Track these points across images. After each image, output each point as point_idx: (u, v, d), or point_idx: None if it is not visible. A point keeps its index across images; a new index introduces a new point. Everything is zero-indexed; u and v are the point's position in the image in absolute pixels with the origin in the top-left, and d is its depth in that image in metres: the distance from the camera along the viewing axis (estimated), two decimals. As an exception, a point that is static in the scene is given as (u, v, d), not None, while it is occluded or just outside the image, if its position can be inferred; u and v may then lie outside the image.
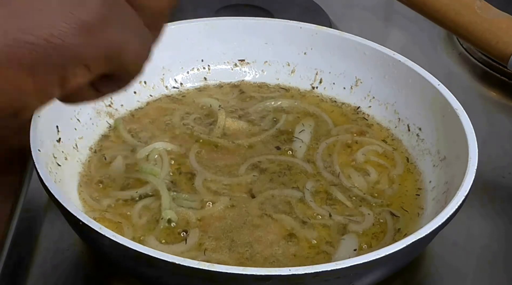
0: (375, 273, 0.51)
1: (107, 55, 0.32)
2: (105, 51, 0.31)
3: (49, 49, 0.30)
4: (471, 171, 0.54)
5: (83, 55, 0.31)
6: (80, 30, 0.30)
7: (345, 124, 0.66)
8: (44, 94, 0.31)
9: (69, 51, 0.30)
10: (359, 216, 0.58)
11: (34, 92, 0.31)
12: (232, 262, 0.53)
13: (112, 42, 0.31)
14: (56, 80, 0.31)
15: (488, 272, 0.59)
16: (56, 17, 0.29)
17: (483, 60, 0.79)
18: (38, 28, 0.29)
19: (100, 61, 0.32)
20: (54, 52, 0.30)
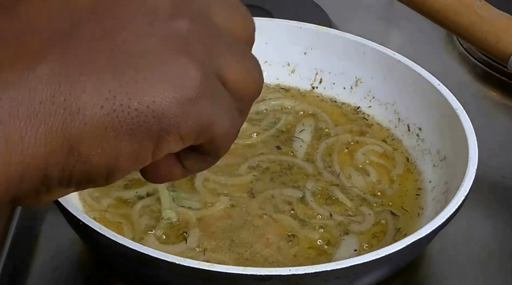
0: (375, 273, 0.51)
1: (200, 128, 0.33)
2: (199, 123, 0.33)
3: (150, 117, 0.31)
4: (471, 171, 0.54)
5: (179, 125, 0.32)
6: (179, 102, 0.32)
7: (345, 124, 0.66)
8: (137, 160, 0.33)
9: (167, 120, 0.32)
10: (359, 216, 0.58)
11: (129, 156, 0.32)
12: (232, 262, 0.53)
13: (206, 116, 0.33)
14: (151, 147, 0.32)
15: (488, 272, 0.59)
16: (159, 88, 0.31)
17: (483, 60, 0.79)
18: (142, 96, 0.31)
19: (193, 132, 0.33)
20: (153, 120, 0.31)
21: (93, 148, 0.31)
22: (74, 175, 0.32)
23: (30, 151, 0.30)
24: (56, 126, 0.30)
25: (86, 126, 0.31)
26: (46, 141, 0.30)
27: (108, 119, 0.31)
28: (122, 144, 0.32)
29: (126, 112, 0.31)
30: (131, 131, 0.31)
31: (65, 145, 0.31)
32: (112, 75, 0.31)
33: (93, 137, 0.31)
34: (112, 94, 0.31)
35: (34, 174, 0.31)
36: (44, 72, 0.30)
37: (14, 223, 0.58)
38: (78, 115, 0.30)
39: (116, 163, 0.32)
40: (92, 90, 0.30)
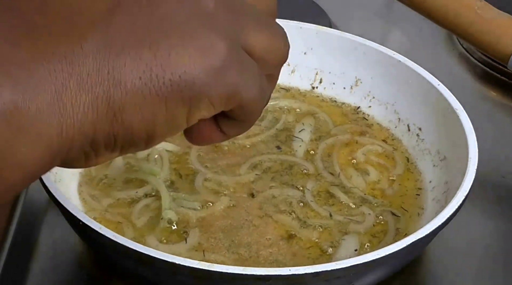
0: (375, 273, 0.51)
1: (228, 94, 0.37)
2: (227, 90, 0.37)
3: (182, 85, 0.35)
4: (471, 171, 0.54)
5: (209, 92, 0.36)
6: (208, 71, 0.36)
7: (345, 124, 0.66)
8: (173, 124, 0.37)
9: (197, 88, 0.36)
10: (359, 216, 0.58)
11: (165, 121, 0.36)
12: (232, 262, 0.53)
13: (233, 83, 0.37)
14: (184, 112, 0.36)
15: (488, 272, 0.59)
16: (189, 60, 0.35)
17: (483, 60, 0.79)
18: (175, 67, 0.35)
19: (222, 98, 0.37)
20: (185, 89, 0.35)
21: (133, 115, 0.35)
22: (118, 140, 0.36)
23: (80, 117, 0.34)
24: (102, 95, 0.34)
25: (127, 96, 0.35)
26: (93, 109, 0.34)
27: (145, 89, 0.35)
28: (159, 110, 0.35)
29: (162, 83, 0.35)
30: (166, 99, 0.35)
31: (109, 112, 0.35)
32: (148, 50, 0.35)
33: (133, 105, 0.35)
34: (148, 67, 0.35)
35: (83, 138, 0.35)
36: (91, 48, 0.34)
37: (14, 223, 0.58)
38: (120, 86, 0.34)
39: (154, 128, 0.36)
40: (131, 63, 0.34)
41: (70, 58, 0.34)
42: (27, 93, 0.33)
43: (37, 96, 0.33)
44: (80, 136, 0.35)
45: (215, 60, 0.36)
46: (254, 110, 0.40)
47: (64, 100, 0.34)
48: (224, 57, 0.36)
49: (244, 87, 0.38)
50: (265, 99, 0.41)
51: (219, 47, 0.36)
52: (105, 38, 0.34)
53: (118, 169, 0.60)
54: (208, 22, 0.36)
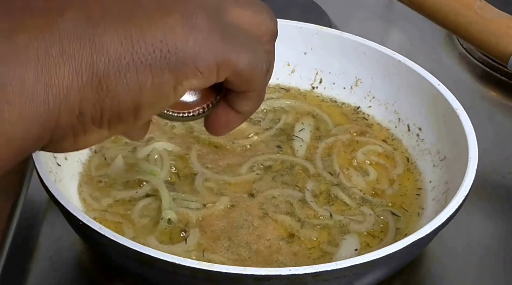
0: (375, 273, 0.51)
1: (216, 60, 0.37)
2: (214, 56, 0.37)
3: (165, 51, 0.35)
4: (471, 171, 0.54)
5: (194, 58, 0.36)
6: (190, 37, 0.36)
7: (345, 124, 0.66)
8: (160, 93, 0.36)
9: (182, 53, 0.36)
10: (360, 216, 0.58)
11: (151, 89, 0.36)
12: (232, 262, 0.53)
13: (219, 49, 0.37)
14: (171, 80, 0.36)
15: (488, 272, 0.59)
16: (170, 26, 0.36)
17: (483, 60, 0.79)
18: (155, 32, 0.35)
19: (210, 65, 0.37)
20: (169, 54, 0.36)
21: (118, 82, 0.35)
22: (105, 110, 0.35)
23: (65, 85, 0.34)
24: (85, 62, 0.34)
25: (110, 62, 0.35)
26: (77, 77, 0.34)
27: (128, 55, 0.35)
28: (143, 77, 0.35)
29: (144, 48, 0.35)
30: (151, 66, 0.35)
31: (94, 79, 0.35)
32: (128, 17, 0.35)
33: (117, 71, 0.35)
34: (129, 33, 0.35)
35: (69, 109, 0.35)
36: (70, 17, 0.34)
37: (14, 223, 0.58)
38: (102, 52, 0.34)
39: (140, 96, 0.36)
40: (112, 30, 0.35)
41: (51, 27, 0.34)
42: (10, 64, 0.32)
43: (21, 65, 0.33)
44: (67, 106, 0.34)
45: (196, 27, 0.36)
46: (254, 77, 0.40)
47: (48, 68, 0.33)
48: (205, 25, 0.36)
49: (234, 53, 0.38)
50: (263, 67, 0.41)
51: (199, 16, 0.36)
52: (84, 9, 0.35)
53: (118, 169, 0.60)
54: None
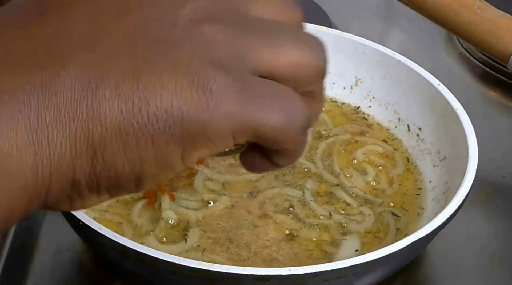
0: (375, 273, 0.51)
1: (232, 127, 0.32)
2: (228, 124, 0.32)
3: (170, 121, 0.31)
4: (471, 171, 0.54)
5: (204, 129, 0.31)
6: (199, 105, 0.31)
7: (345, 124, 0.66)
8: (164, 165, 0.32)
9: (188, 124, 0.31)
10: (360, 216, 0.58)
11: (154, 162, 0.32)
12: (232, 262, 0.53)
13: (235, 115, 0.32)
14: (178, 152, 0.32)
15: (488, 272, 0.59)
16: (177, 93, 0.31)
17: (483, 60, 0.79)
18: (160, 101, 0.31)
19: (224, 134, 0.32)
20: (174, 125, 0.31)
21: (116, 154, 0.31)
22: (102, 181, 0.32)
23: (57, 155, 0.31)
24: (80, 131, 0.31)
25: (108, 132, 0.31)
26: (71, 146, 0.31)
27: (128, 125, 0.31)
28: (145, 149, 0.31)
29: (146, 118, 0.31)
30: (153, 137, 0.31)
31: (89, 150, 0.31)
32: (131, 81, 0.31)
33: (115, 143, 0.31)
34: (130, 100, 0.31)
35: (62, 179, 0.31)
36: (69, 77, 0.31)
37: (14, 223, 0.58)
38: (99, 120, 0.31)
39: (142, 169, 0.32)
40: (112, 95, 0.31)
41: (47, 88, 0.30)
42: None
43: (10, 132, 0.30)
44: (59, 177, 0.31)
45: (208, 91, 0.31)
46: (283, 139, 0.33)
47: (39, 136, 0.30)
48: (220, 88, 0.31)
49: (254, 117, 0.32)
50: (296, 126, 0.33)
51: (215, 77, 0.31)
52: (85, 67, 0.31)
53: (118, 169, 0.59)
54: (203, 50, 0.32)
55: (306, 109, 0.33)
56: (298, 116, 0.33)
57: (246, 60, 0.32)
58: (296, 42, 0.34)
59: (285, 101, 0.33)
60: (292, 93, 0.33)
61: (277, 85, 0.33)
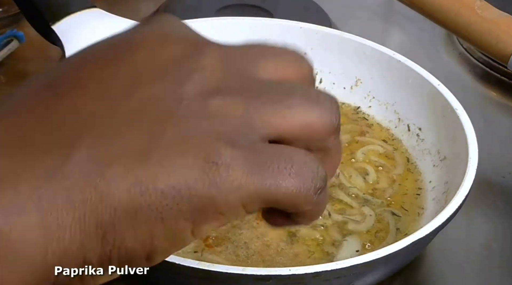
0: (375, 273, 0.51)
1: (242, 199, 0.32)
2: (239, 197, 0.32)
3: (178, 198, 0.31)
4: (471, 171, 0.54)
5: (213, 203, 0.31)
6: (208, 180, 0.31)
7: (345, 124, 0.66)
8: (175, 240, 0.32)
9: (197, 200, 0.31)
10: (360, 216, 0.58)
11: (164, 238, 0.32)
12: (231, 262, 0.53)
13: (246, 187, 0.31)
14: (188, 227, 0.32)
15: (488, 272, 0.59)
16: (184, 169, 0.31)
17: (483, 60, 0.79)
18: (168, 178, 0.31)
19: (235, 207, 0.32)
20: (182, 201, 0.31)
21: (126, 233, 0.31)
22: (113, 260, 0.32)
23: (67, 238, 0.31)
24: (89, 213, 0.31)
25: (117, 212, 0.31)
26: (81, 229, 0.31)
27: (136, 204, 0.31)
28: (155, 227, 0.31)
29: (154, 196, 0.31)
30: (162, 214, 0.31)
31: (99, 231, 0.31)
32: (139, 159, 0.31)
33: (124, 222, 0.31)
34: (138, 179, 0.31)
35: (71, 261, 0.31)
36: (78, 159, 0.31)
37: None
38: (107, 201, 0.30)
39: (152, 246, 0.32)
40: (120, 176, 0.31)
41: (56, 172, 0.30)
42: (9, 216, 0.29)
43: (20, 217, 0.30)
44: (68, 260, 0.31)
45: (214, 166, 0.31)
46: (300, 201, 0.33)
47: (49, 220, 0.30)
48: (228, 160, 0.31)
49: (263, 186, 0.32)
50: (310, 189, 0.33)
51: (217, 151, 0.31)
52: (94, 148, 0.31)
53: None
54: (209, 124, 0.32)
55: (321, 169, 0.33)
56: (311, 178, 0.33)
57: (254, 129, 0.32)
58: (305, 102, 0.33)
59: (296, 165, 0.32)
60: (303, 156, 0.33)
61: (287, 149, 0.33)
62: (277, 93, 0.33)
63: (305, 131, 0.33)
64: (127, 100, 0.32)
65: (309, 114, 0.33)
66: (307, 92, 0.34)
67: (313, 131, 0.33)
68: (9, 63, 0.76)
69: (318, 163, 0.33)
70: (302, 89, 0.34)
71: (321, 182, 0.33)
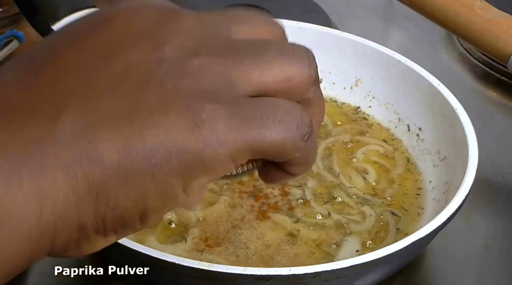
0: (375, 273, 0.51)
1: (230, 152, 0.32)
2: (227, 150, 0.32)
3: (166, 154, 0.31)
4: (471, 171, 0.54)
5: (201, 157, 0.32)
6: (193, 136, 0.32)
7: (345, 124, 0.66)
8: (167, 198, 0.33)
9: (185, 155, 0.32)
10: (360, 216, 0.58)
11: (156, 195, 0.32)
12: (231, 262, 0.53)
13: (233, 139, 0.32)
14: (179, 183, 0.32)
15: (488, 272, 0.59)
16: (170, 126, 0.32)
17: (483, 60, 0.79)
18: (155, 136, 0.31)
19: (222, 160, 0.32)
20: (171, 157, 0.31)
21: (118, 192, 0.32)
22: (107, 222, 0.32)
23: (60, 201, 0.31)
24: (81, 174, 0.31)
25: (108, 172, 0.31)
26: (74, 191, 0.31)
27: (126, 163, 0.31)
28: (145, 184, 0.32)
29: (142, 154, 0.31)
30: (152, 172, 0.32)
31: (91, 191, 0.31)
32: (125, 120, 0.32)
33: (116, 182, 0.31)
34: (126, 138, 0.31)
35: (67, 224, 0.32)
36: (66, 124, 0.31)
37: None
38: (98, 162, 0.31)
39: (145, 204, 0.32)
40: (108, 137, 0.31)
41: (45, 137, 0.31)
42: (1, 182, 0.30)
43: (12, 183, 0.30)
44: (64, 222, 0.31)
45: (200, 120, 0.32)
46: (288, 149, 0.34)
47: (41, 184, 0.31)
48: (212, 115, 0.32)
49: (250, 137, 0.32)
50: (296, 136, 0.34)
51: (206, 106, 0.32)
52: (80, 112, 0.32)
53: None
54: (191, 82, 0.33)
55: (305, 115, 0.34)
56: (296, 125, 0.34)
57: (235, 85, 0.33)
58: (281, 56, 0.34)
59: (279, 114, 0.33)
60: (286, 104, 0.34)
61: (270, 100, 0.34)
62: (254, 50, 0.34)
63: (284, 84, 0.34)
64: (108, 67, 0.33)
65: (287, 67, 0.34)
66: (282, 47, 0.35)
67: (292, 84, 0.34)
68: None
69: (301, 110, 0.34)
70: (276, 44, 0.35)
71: (306, 128, 0.34)
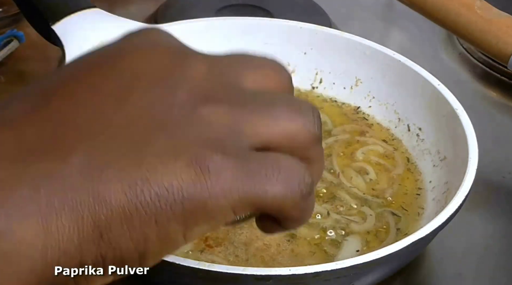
0: (375, 273, 0.51)
1: (232, 203, 0.33)
2: (229, 201, 0.33)
3: (171, 200, 0.32)
4: (471, 171, 0.54)
5: (203, 206, 0.33)
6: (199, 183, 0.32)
7: (345, 124, 0.66)
8: (167, 242, 0.33)
9: (189, 202, 0.32)
10: (361, 216, 0.58)
11: (157, 240, 0.33)
12: (231, 262, 0.53)
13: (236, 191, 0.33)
14: (180, 229, 0.33)
15: (488, 272, 0.59)
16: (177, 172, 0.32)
17: (483, 60, 0.79)
18: (161, 181, 0.32)
19: (225, 210, 0.33)
20: (175, 203, 0.32)
21: (121, 234, 0.32)
22: (107, 262, 0.33)
23: (65, 238, 0.31)
24: (87, 214, 0.32)
25: (113, 214, 0.32)
26: (78, 229, 0.32)
27: (131, 206, 0.32)
28: (148, 228, 0.32)
29: (148, 198, 0.32)
30: (156, 216, 0.32)
31: (95, 232, 0.32)
32: (133, 163, 0.32)
33: (120, 223, 0.32)
34: (133, 181, 0.32)
35: (69, 261, 0.32)
36: (75, 163, 0.32)
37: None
38: (105, 203, 0.32)
39: (145, 247, 0.33)
40: (116, 179, 0.32)
41: (54, 174, 0.32)
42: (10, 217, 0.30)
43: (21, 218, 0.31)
44: (66, 259, 0.32)
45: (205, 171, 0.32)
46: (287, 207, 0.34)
47: (48, 221, 0.31)
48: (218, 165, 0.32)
49: (252, 191, 0.33)
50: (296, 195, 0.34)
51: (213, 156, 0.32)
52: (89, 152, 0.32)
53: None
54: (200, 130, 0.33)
55: (308, 175, 0.34)
56: (298, 184, 0.34)
57: (242, 137, 0.34)
58: (289, 112, 0.35)
59: (283, 171, 0.34)
60: (289, 162, 0.34)
61: (275, 156, 0.34)
62: (261, 102, 0.35)
63: (289, 140, 0.35)
64: (121, 107, 0.33)
65: (293, 124, 0.35)
66: (290, 102, 0.36)
67: (297, 140, 0.35)
68: (9, 63, 0.76)
69: (304, 169, 0.34)
70: (284, 99, 0.36)
71: (308, 188, 0.34)
